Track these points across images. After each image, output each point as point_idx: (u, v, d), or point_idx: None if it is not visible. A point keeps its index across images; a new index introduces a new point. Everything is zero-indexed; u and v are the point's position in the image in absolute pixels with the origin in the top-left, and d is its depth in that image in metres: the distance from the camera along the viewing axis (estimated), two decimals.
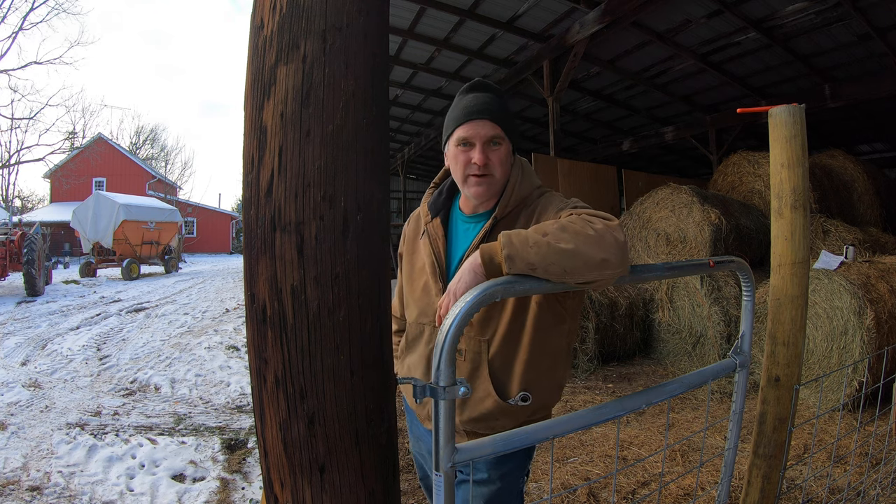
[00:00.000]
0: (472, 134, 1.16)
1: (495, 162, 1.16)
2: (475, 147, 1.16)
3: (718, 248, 5.07)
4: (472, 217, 1.24)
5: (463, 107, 1.18)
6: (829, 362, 3.54)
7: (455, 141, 1.18)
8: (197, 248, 30.63)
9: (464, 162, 1.17)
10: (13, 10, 21.33)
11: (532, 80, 7.08)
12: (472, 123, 1.16)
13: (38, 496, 2.53)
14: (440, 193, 1.30)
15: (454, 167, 1.20)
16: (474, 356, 1.17)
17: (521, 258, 0.90)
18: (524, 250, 0.90)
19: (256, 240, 0.67)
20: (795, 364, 1.43)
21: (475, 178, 1.16)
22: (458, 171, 1.19)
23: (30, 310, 8.53)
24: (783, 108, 1.44)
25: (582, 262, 0.91)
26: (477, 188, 1.17)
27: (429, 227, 1.26)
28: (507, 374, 1.16)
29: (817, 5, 5.33)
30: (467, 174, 1.17)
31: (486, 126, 1.15)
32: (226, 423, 3.56)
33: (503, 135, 1.17)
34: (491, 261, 0.94)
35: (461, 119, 1.17)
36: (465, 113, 1.17)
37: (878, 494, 2.10)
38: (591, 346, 4.69)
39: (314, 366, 0.65)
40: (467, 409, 1.17)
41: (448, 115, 1.23)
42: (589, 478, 2.59)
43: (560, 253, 0.90)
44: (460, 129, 1.17)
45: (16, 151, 24.86)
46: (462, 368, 1.18)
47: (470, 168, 1.16)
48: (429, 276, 1.23)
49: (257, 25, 0.68)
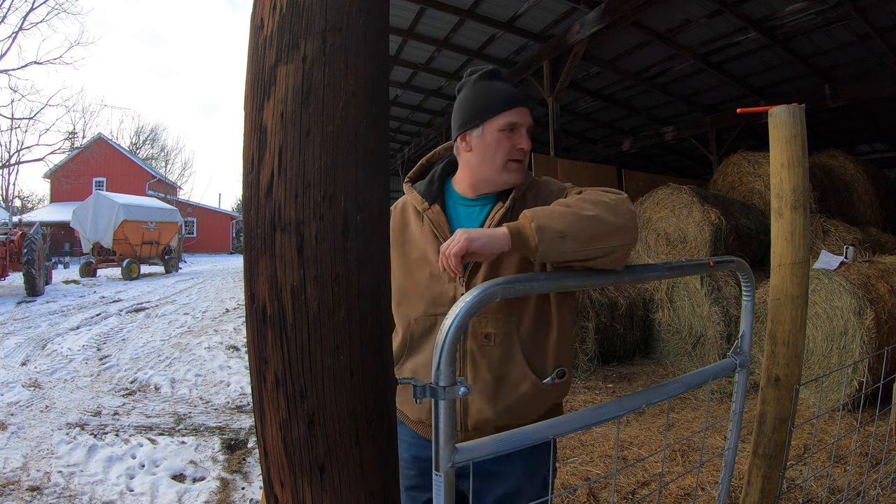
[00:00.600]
0: (522, 120, 1.17)
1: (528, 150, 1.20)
2: (521, 133, 1.17)
3: (718, 248, 5.07)
4: (476, 200, 1.22)
5: (504, 92, 1.18)
6: (829, 362, 3.54)
7: (500, 126, 1.16)
8: (197, 248, 30.63)
9: (508, 147, 1.17)
10: (13, 10, 21.32)
11: (532, 80, 7.08)
12: (521, 110, 1.17)
13: (38, 496, 2.53)
14: (431, 182, 1.26)
15: (490, 152, 1.17)
16: (504, 338, 1.12)
17: (551, 228, 0.94)
18: (552, 220, 0.95)
19: (256, 240, 0.67)
20: (795, 364, 1.43)
21: (516, 164, 1.18)
22: (498, 156, 1.17)
23: (30, 310, 8.53)
24: (783, 108, 1.44)
25: (608, 227, 0.97)
26: (518, 174, 1.19)
27: (428, 214, 1.20)
28: (541, 352, 1.15)
29: (817, 5, 5.33)
30: (509, 159, 1.17)
31: (528, 114, 1.19)
32: (226, 423, 3.56)
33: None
34: (519, 233, 0.96)
35: (510, 103, 1.16)
36: (512, 98, 1.17)
37: (878, 494, 2.10)
38: (591, 346, 4.69)
39: (314, 366, 0.65)
40: (501, 399, 1.12)
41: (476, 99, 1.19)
42: (589, 478, 2.59)
43: (586, 220, 0.96)
44: (510, 114, 1.16)
45: (16, 151, 24.88)
46: (493, 354, 1.12)
47: (514, 154, 1.17)
48: (435, 263, 1.16)
49: (257, 25, 0.68)
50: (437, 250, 1.16)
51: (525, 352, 1.13)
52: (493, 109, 1.17)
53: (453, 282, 1.14)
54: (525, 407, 1.14)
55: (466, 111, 1.20)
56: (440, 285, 1.16)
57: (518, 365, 1.13)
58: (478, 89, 1.20)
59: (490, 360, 1.12)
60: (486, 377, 1.12)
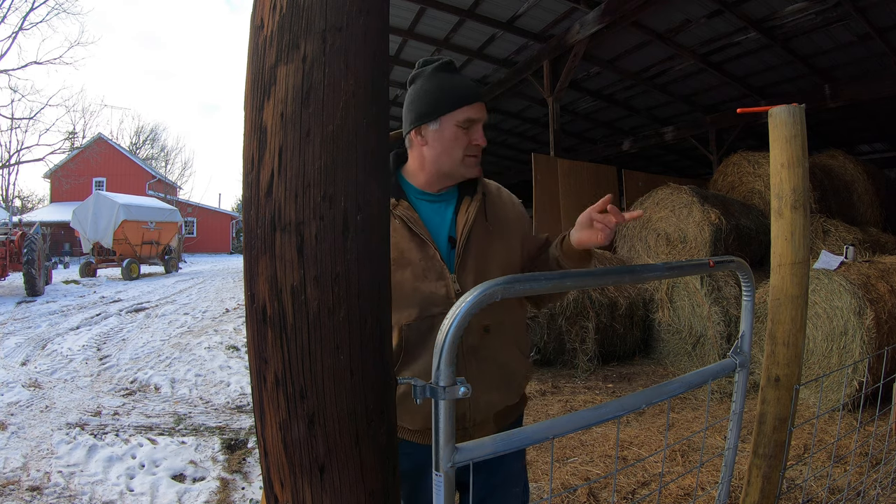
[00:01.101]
0: (480, 116, 1.16)
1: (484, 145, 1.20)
2: (477, 129, 1.16)
3: (718, 248, 5.07)
4: (439, 196, 1.21)
5: (463, 87, 1.16)
6: (829, 362, 3.54)
7: (458, 121, 1.14)
8: (197, 248, 30.63)
9: (465, 142, 1.16)
10: (13, 10, 21.32)
11: (532, 80, 7.08)
12: (479, 106, 1.16)
13: (38, 496, 2.53)
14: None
15: (450, 147, 1.15)
16: (499, 326, 1.17)
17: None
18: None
19: (256, 240, 0.67)
20: (795, 364, 1.43)
21: (473, 159, 1.18)
22: (455, 151, 1.15)
23: (30, 310, 8.53)
24: (783, 108, 1.44)
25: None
26: (474, 169, 1.19)
27: (398, 210, 1.15)
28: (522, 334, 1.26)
29: (817, 5, 5.33)
30: (466, 155, 1.16)
31: (484, 110, 1.18)
32: (226, 423, 3.56)
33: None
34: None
35: (468, 99, 1.15)
36: (471, 93, 1.15)
37: (878, 494, 2.10)
38: (591, 346, 4.69)
39: (314, 366, 0.65)
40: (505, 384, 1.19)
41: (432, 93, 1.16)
42: (589, 478, 2.59)
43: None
44: (469, 110, 1.15)
45: (16, 151, 24.88)
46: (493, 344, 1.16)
47: (470, 149, 1.16)
48: (417, 262, 1.13)
49: (257, 25, 0.68)
50: (416, 247, 1.13)
51: (515, 336, 1.22)
52: (451, 104, 1.14)
53: (442, 279, 1.12)
54: (517, 386, 1.24)
55: (423, 104, 1.17)
56: (428, 284, 1.12)
57: (511, 349, 1.20)
58: (435, 82, 1.17)
59: (491, 350, 1.16)
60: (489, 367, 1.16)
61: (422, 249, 1.13)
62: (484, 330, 1.15)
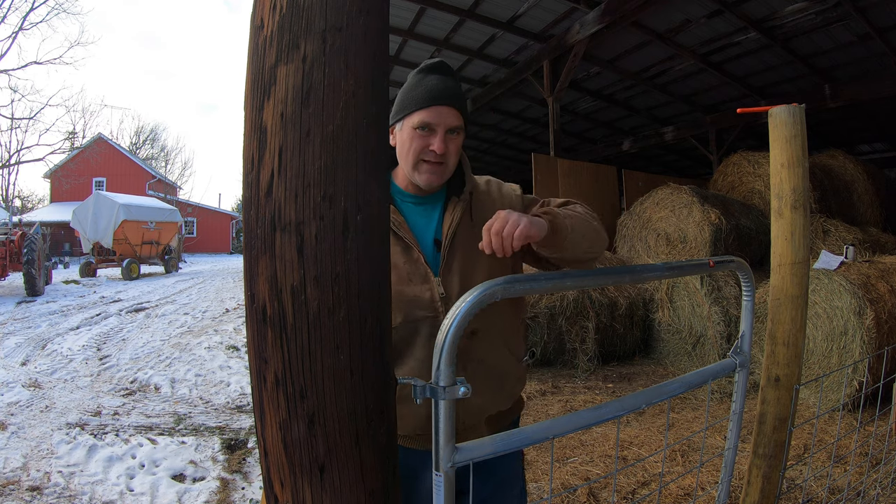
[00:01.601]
0: (437, 120, 1.10)
1: (452, 151, 1.12)
2: (436, 134, 1.10)
3: (718, 248, 5.08)
4: (425, 198, 1.18)
5: (427, 88, 1.11)
6: (829, 362, 3.54)
7: (414, 123, 1.10)
8: (197, 248, 30.63)
9: (419, 147, 1.11)
10: (13, 10, 21.32)
11: (532, 80, 7.08)
12: (438, 109, 1.10)
13: (38, 496, 2.53)
14: None
15: (405, 150, 1.13)
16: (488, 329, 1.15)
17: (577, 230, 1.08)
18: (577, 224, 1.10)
19: (256, 240, 0.67)
20: (795, 364, 1.43)
21: (429, 165, 1.11)
22: (409, 154, 1.12)
23: (30, 310, 8.53)
24: (783, 108, 1.44)
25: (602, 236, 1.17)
26: (430, 175, 1.12)
27: None
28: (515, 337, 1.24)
29: (817, 5, 5.33)
30: (421, 159, 1.11)
31: (452, 114, 1.11)
32: (226, 423, 3.56)
33: (463, 125, 1.14)
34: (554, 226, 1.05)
35: (425, 102, 1.10)
36: (430, 96, 1.10)
37: (878, 494, 2.10)
38: (591, 346, 4.69)
39: (314, 366, 0.65)
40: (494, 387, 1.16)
41: (404, 93, 1.14)
42: (589, 478, 2.59)
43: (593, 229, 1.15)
44: (423, 113, 1.10)
45: (16, 151, 24.88)
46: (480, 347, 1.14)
47: (425, 154, 1.11)
48: (401, 265, 1.12)
49: (257, 25, 0.68)
50: (400, 251, 1.12)
51: (506, 340, 1.20)
52: (410, 106, 1.12)
53: (426, 283, 1.11)
54: (511, 390, 1.22)
55: (396, 104, 1.16)
56: (412, 288, 1.11)
57: (502, 352, 1.18)
58: (410, 83, 1.15)
59: (479, 353, 1.14)
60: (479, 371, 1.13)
61: (406, 253, 1.12)
62: (471, 333, 1.12)
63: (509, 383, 1.20)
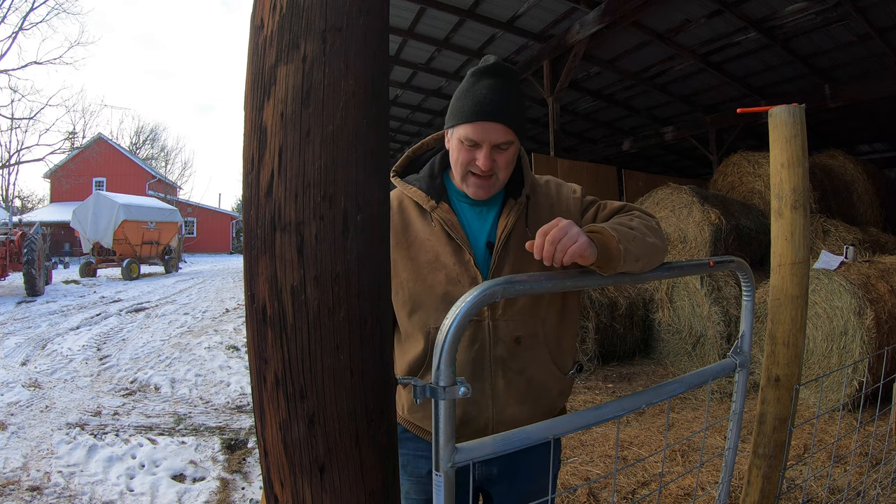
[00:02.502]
0: (482, 138, 1.05)
1: (501, 165, 1.08)
2: (481, 149, 1.06)
3: (718, 248, 5.08)
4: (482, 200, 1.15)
5: (475, 100, 1.05)
6: (829, 362, 3.54)
7: (460, 136, 1.07)
8: (197, 248, 30.63)
9: (465, 160, 1.07)
10: (13, 10, 21.33)
11: (532, 80, 7.08)
12: (483, 125, 1.04)
13: (38, 496, 2.53)
14: (432, 177, 1.17)
15: (454, 158, 1.11)
16: (532, 340, 1.10)
17: (632, 252, 0.96)
18: (631, 244, 0.97)
19: (256, 240, 0.67)
20: (795, 364, 1.43)
21: (476, 179, 1.08)
22: (457, 165, 1.10)
23: (30, 310, 8.53)
24: (783, 108, 1.44)
25: (661, 253, 1.06)
26: (477, 189, 1.09)
27: (437, 213, 1.11)
28: (563, 349, 1.17)
29: (817, 5, 5.33)
30: (468, 171, 1.09)
31: (498, 130, 1.04)
32: (226, 423, 3.56)
33: (514, 138, 1.07)
34: (606, 249, 0.95)
35: (470, 116, 1.04)
36: (476, 111, 1.04)
37: (878, 494, 2.10)
38: (591, 346, 4.69)
39: (314, 366, 0.65)
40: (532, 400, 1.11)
41: (456, 98, 1.10)
42: (589, 478, 2.59)
43: (651, 247, 1.02)
44: (468, 128, 1.05)
45: (16, 151, 24.89)
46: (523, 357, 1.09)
47: (472, 167, 1.08)
48: (451, 265, 1.09)
49: (257, 25, 0.68)
50: (452, 252, 1.10)
51: (550, 350, 1.13)
52: (457, 117, 1.08)
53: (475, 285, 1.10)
54: (552, 403, 1.16)
55: (450, 108, 1.12)
56: (461, 290, 1.07)
57: (546, 364, 1.13)
58: (462, 87, 1.10)
59: (521, 363, 1.10)
60: (518, 380, 1.10)
61: (457, 254, 1.10)
62: (515, 341, 1.09)
63: (549, 397, 1.14)
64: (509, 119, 1.05)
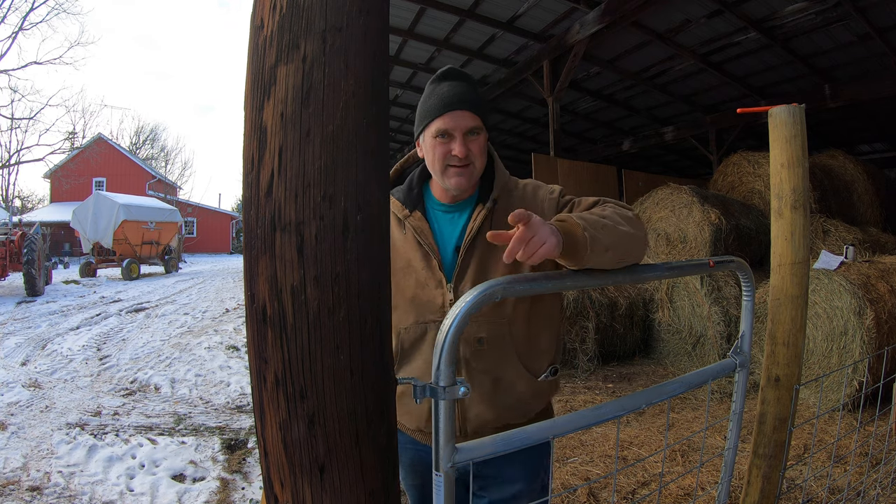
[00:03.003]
0: (453, 125, 1.13)
1: (476, 152, 1.15)
2: (455, 138, 1.13)
3: (718, 248, 5.07)
4: (453, 206, 1.22)
5: (440, 97, 1.14)
6: (829, 362, 3.54)
7: (433, 132, 1.14)
8: (197, 248, 30.63)
9: (442, 153, 1.14)
10: (13, 10, 21.33)
11: (532, 80, 7.08)
12: (452, 115, 1.13)
13: (38, 496, 2.53)
14: (410, 188, 1.25)
15: (431, 158, 1.17)
16: (497, 341, 1.14)
17: (600, 241, 0.93)
18: (599, 233, 0.94)
19: (256, 240, 0.67)
20: (795, 364, 1.43)
21: (456, 169, 1.15)
22: (436, 162, 1.16)
23: (30, 310, 8.53)
24: (783, 108, 1.44)
25: (636, 243, 1.01)
26: (458, 178, 1.15)
27: (410, 221, 1.20)
28: (534, 351, 1.18)
29: (817, 5, 5.33)
30: (447, 164, 1.15)
31: (466, 117, 1.13)
32: (226, 423, 3.56)
33: (482, 125, 1.16)
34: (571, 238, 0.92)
35: (440, 110, 1.13)
36: (444, 104, 1.13)
37: (878, 494, 2.10)
38: (591, 346, 4.69)
39: (314, 366, 0.65)
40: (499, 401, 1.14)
41: (421, 105, 1.18)
42: (589, 478, 2.59)
43: (624, 236, 0.98)
44: (439, 121, 1.13)
45: (16, 151, 24.89)
46: (487, 357, 1.13)
47: (450, 159, 1.14)
48: (420, 270, 1.18)
49: (257, 25, 0.68)
50: (421, 257, 1.17)
51: (519, 352, 1.15)
52: (426, 116, 1.16)
53: (440, 288, 1.15)
54: (524, 406, 1.17)
55: (416, 117, 1.20)
56: (427, 292, 1.16)
57: (513, 366, 1.15)
58: (425, 94, 1.18)
59: (485, 363, 1.13)
60: (482, 381, 1.13)
61: (426, 259, 1.17)
62: (478, 342, 1.13)
63: (519, 398, 1.16)
64: (474, 106, 1.14)
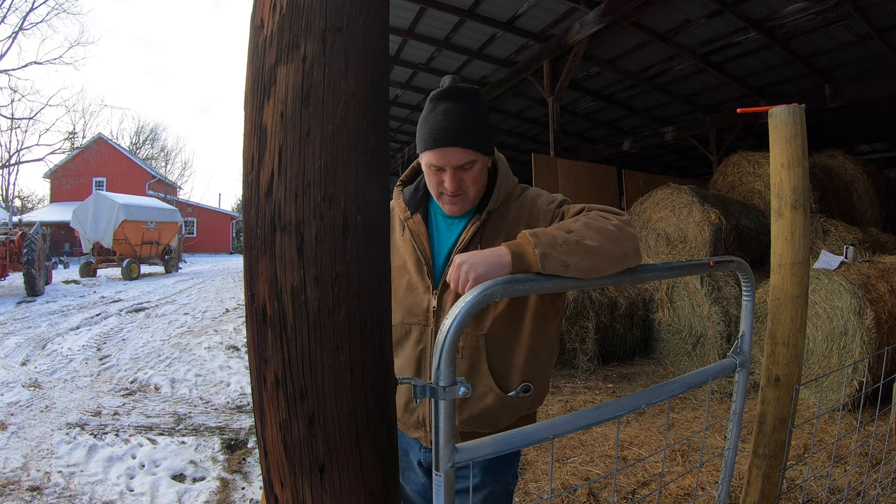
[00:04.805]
0: (443, 162, 1.11)
1: (469, 183, 1.13)
2: (446, 172, 1.12)
3: (718, 248, 5.07)
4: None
5: (432, 127, 1.10)
6: (829, 362, 3.54)
7: (425, 162, 1.15)
8: (197, 248, 30.62)
9: (435, 183, 1.15)
10: (13, 10, 21.33)
11: (532, 80, 7.08)
12: (443, 151, 1.10)
13: (38, 496, 2.53)
14: (416, 189, 1.25)
15: (427, 181, 1.19)
16: (472, 352, 1.15)
17: (555, 257, 0.90)
18: (555, 249, 0.91)
19: (256, 240, 0.67)
20: (795, 364, 1.43)
21: (448, 198, 1.15)
22: (431, 187, 1.18)
23: (30, 310, 8.53)
24: (783, 108, 1.44)
25: (609, 258, 0.95)
26: (451, 206, 1.16)
27: (409, 223, 1.21)
28: (507, 367, 1.17)
29: (817, 5, 5.33)
30: (440, 192, 1.16)
31: (457, 153, 1.10)
32: (226, 423, 3.56)
33: (476, 156, 1.12)
34: (522, 260, 0.91)
35: (431, 143, 1.10)
36: (435, 138, 1.09)
37: (878, 494, 2.10)
38: (591, 346, 4.69)
39: (314, 366, 0.65)
40: (467, 409, 1.16)
41: (419, 126, 1.15)
42: (589, 478, 2.59)
43: (588, 251, 0.93)
44: (430, 155, 1.12)
45: (16, 151, 24.89)
46: (460, 366, 1.15)
47: (442, 188, 1.14)
48: (412, 273, 1.19)
49: (257, 25, 0.68)
50: (415, 261, 1.19)
51: (490, 364, 1.15)
52: (420, 144, 1.14)
53: (426, 294, 1.18)
54: (491, 417, 1.17)
55: (416, 134, 1.18)
56: (415, 296, 1.19)
57: (483, 377, 1.15)
58: (423, 112, 1.15)
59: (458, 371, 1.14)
60: None
61: (418, 263, 1.19)
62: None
63: (487, 411, 1.16)
64: (467, 141, 1.10)
